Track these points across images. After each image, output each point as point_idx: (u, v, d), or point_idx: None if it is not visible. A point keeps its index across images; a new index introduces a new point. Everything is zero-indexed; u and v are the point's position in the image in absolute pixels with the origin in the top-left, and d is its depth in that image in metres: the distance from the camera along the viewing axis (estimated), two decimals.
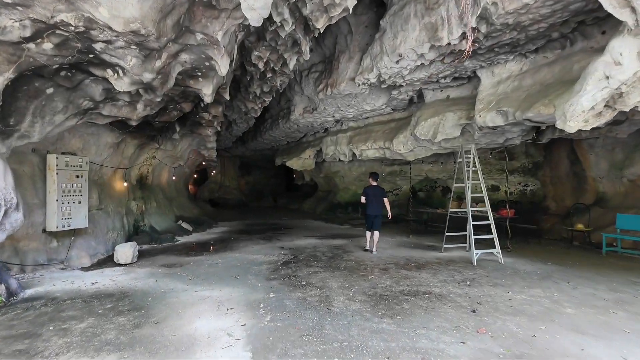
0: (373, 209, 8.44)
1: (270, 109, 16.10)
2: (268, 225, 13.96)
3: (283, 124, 14.40)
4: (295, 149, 17.49)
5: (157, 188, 11.65)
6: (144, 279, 5.99)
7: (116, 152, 8.76)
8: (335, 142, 13.38)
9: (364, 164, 16.45)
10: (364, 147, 11.68)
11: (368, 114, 11.44)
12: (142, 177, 10.65)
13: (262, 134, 17.15)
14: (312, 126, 13.71)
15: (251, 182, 30.57)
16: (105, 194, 8.46)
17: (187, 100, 7.59)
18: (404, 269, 6.92)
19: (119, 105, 6.59)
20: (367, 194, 8.58)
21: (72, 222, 6.79)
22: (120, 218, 8.88)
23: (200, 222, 13.26)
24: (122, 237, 8.79)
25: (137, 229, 9.94)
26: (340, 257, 8.00)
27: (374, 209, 8.43)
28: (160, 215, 11.09)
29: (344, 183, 17.64)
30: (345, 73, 9.25)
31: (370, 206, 8.47)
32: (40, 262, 6.46)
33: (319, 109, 11.57)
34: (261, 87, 9.21)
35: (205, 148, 14.08)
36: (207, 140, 12.22)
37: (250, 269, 6.80)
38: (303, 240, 10.16)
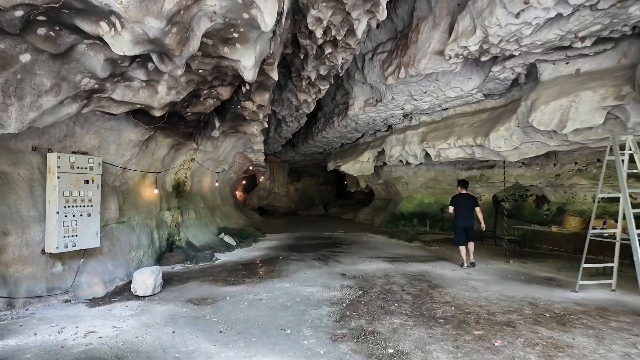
0: (464, 220, 7.69)
1: (323, 106, 14.24)
2: (321, 239, 11.97)
3: (339, 122, 12.42)
4: (351, 152, 15.43)
5: (197, 196, 10.16)
6: (159, 328, 4.20)
7: (144, 153, 7.26)
8: (403, 141, 11.11)
9: (433, 169, 13.96)
10: (443, 146, 9.31)
11: (450, 102, 9.08)
12: (179, 184, 9.17)
13: (314, 136, 15.32)
14: (374, 123, 11.57)
15: (301, 188, 29.06)
16: (129, 204, 6.96)
17: (224, 83, 5.83)
18: (537, 323, 4.53)
19: (134, 87, 4.95)
20: (456, 203, 7.85)
21: (79, 241, 5.23)
22: (148, 233, 7.34)
23: (246, 234, 11.61)
24: (150, 256, 7.24)
25: (171, 244, 8.41)
26: (428, 294, 5.74)
27: (464, 219, 7.69)
28: (199, 227, 9.54)
29: (407, 191, 15.24)
30: (428, 45, 7.03)
31: (460, 217, 7.72)
32: (37, 292, 4.94)
33: (385, 99, 9.42)
34: (317, 69, 7.27)
35: (251, 151, 12.49)
36: (254, 141, 10.55)
37: (306, 314, 4.78)
38: (368, 264, 8.00)
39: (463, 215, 7.64)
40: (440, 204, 14.49)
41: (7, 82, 3.62)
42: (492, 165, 12.37)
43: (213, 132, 7.83)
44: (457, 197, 7.90)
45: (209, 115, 7.66)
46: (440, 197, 14.54)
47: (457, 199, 7.86)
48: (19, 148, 5.05)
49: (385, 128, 12.45)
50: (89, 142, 5.89)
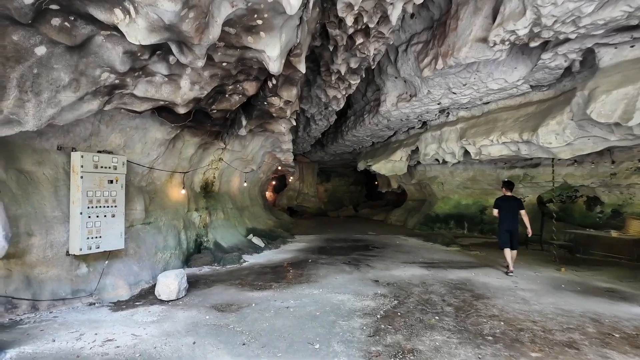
0: (508, 224, 7.29)
1: (353, 103, 13.77)
2: (352, 242, 11.50)
3: (369, 120, 11.92)
4: (382, 151, 14.85)
5: (225, 196, 10.00)
6: (179, 338, 3.92)
7: (171, 153, 7.12)
8: (439, 138, 10.44)
9: (472, 168, 13.13)
10: (485, 143, 8.59)
11: (492, 96, 8.35)
12: (208, 184, 9.03)
13: (344, 135, 14.88)
14: (407, 119, 10.97)
15: (330, 189, 28.68)
16: (156, 205, 6.83)
17: (249, 77, 5.53)
18: (605, 344, 3.88)
19: (156, 83, 4.74)
20: (500, 206, 7.47)
21: (102, 243, 5.09)
22: (175, 234, 7.19)
23: (274, 235, 11.36)
24: (177, 257, 7.08)
25: (199, 245, 8.26)
26: (472, 306, 5.17)
27: (509, 223, 7.29)
28: (227, 228, 9.36)
29: (443, 191, 14.46)
30: (469, 33, 6.42)
31: (504, 220, 7.34)
32: (62, 295, 4.83)
33: (420, 93, 8.82)
34: (347, 62, 6.84)
35: (280, 150, 12.24)
36: (282, 140, 10.27)
37: (336, 325, 4.36)
38: (403, 270, 7.47)
39: (507, 219, 7.29)
40: (479, 205, 13.62)
41: (23, 76, 3.46)
42: (537, 164, 11.42)
43: (240, 130, 7.59)
44: (501, 199, 7.54)
45: (235, 113, 7.42)
46: (479, 198, 13.68)
47: (501, 201, 7.49)
48: (43, 147, 4.97)
49: (419, 125, 11.81)
50: (114, 141, 5.77)
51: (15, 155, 4.69)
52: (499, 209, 7.38)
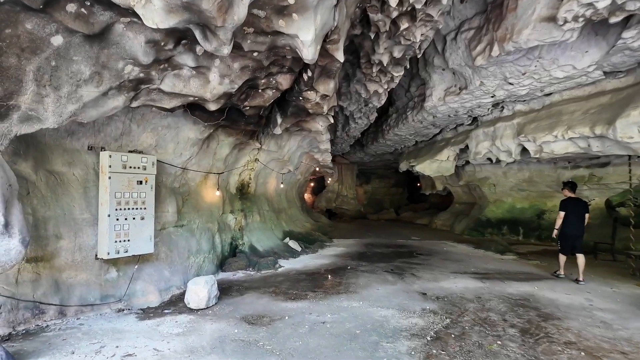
0: (574, 228, 6.83)
1: (395, 100, 13.05)
2: (394, 247, 10.78)
3: (413, 117, 11.15)
4: (427, 150, 13.96)
5: (261, 198, 9.70)
6: (202, 356, 3.53)
7: (205, 153, 6.88)
8: (492, 135, 9.48)
9: (527, 168, 11.91)
10: (547, 139, 7.58)
11: (555, 86, 7.35)
12: (243, 185, 8.76)
13: (385, 134, 14.17)
14: (456, 115, 10.09)
15: (370, 191, 27.91)
16: (189, 206, 6.60)
17: (282, 69, 5.10)
18: None
19: (183, 77, 4.42)
20: (566, 208, 6.94)
21: (131, 247, 4.87)
22: (209, 237, 6.93)
23: (312, 239, 10.91)
24: (211, 261, 6.82)
25: (234, 249, 7.98)
26: (541, 329, 4.36)
27: (575, 227, 6.83)
28: (263, 231, 9.04)
29: (495, 194, 13.29)
30: (531, 12, 5.57)
31: (570, 224, 6.86)
32: (90, 300, 4.65)
33: (472, 85, 7.98)
34: (390, 51, 6.23)
35: (318, 151, 11.80)
36: (319, 139, 9.81)
37: (379, 348, 3.77)
38: (454, 281, 6.69)
39: (573, 222, 6.81)
40: (536, 209, 12.33)
41: (40, 69, 3.23)
42: (606, 163, 10.06)
43: (275, 129, 7.21)
44: (567, 201, 7.00)
45: (270, 110, 7.05)
46: (535, 202, 12.39)
47: (568, 203, 6.96)
48: (74, 147, 4.83)
49: (468, 121, 10.86)
50: (145, 141, 5.57)
51: (46, 155, 4.57)
52: (566, 211, 6.87)
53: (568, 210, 6.85)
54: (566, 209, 6.88)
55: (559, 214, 6.97)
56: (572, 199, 6.96)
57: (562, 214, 6.89)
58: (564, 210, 6.89)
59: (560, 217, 6.93)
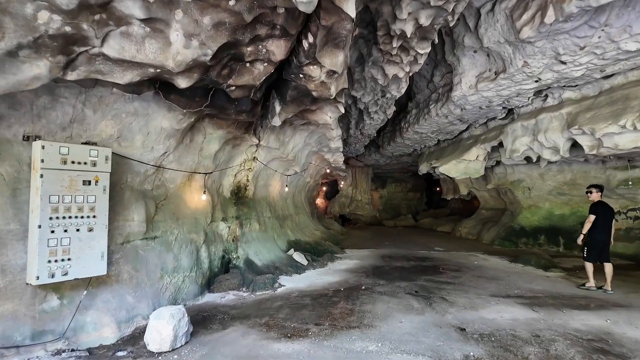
0: (602, 234, 6.42)
1: (415, 94, 11.67)
2: (416, 261, 9.35)
3: (437, 110, 9.76)
4: (451, 150, 12.50)
5: (262, 203, 8.45)
6: None
7: (187, 148, 5.68)
8: (534, 128, 8.01)
9: (569, 169, 10.34)
10: (611, 130, 6.10)
11: (622, 63, 5.88)
12: (240, 188, 7.53)
13: (403, 132, 12.79)
14: (488, 107, 8.65)
15: (386, 196, 26.46)
16: (166, 213, 5.39)
17: (273, 32, 3.83)
18: None
19: (135, 36, 3.21)
20: (597, 212, 6.45)
21: (73, 268, 3.66)
22: (192, 250, 5.70)
23: (321, 250, 9.59)
24: (194, 280, 5.58)
25: (227, 263, 6.75)
26: None
27: (605, 233, 6.42)
28: (263, 242, 7.77)
29: (530, 198, 11.70)
30: None
31: (601, 229, 6.40)
32: (16, 339, 3.45)
33: (512, 67, 6.57)
34: (416, 17, 4.90)
35: (328, 150, 10.53)
36: (329, 136, 8.53)
37: None
38: (496, 309, 5.26)
39: (602, 228, 6.38)
40: (579, 216, 10.70)
41: None
42: None
43: (274, 119, 5.96)
44: (597, 205, 6.51)
45: (266, 96, 5.82)
46: (578, 207, 10.77)
47: (598, 207, 6.48)
48: (4, 136, 3.67)
49: (502, 114, 9.38)
50: (105, 131, 4.38)
51: None
52: (597, 214, 6.37)
53: (599, 214, 6.36)
54: (597, 212, 6.37)
55: (589, 218, 6.42)
56: (602, 203, 6.51)
57: (592, 218, 6.37)
58: (595, 214, 6.37)
59: (590, 222, 6.40)
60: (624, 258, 9.25)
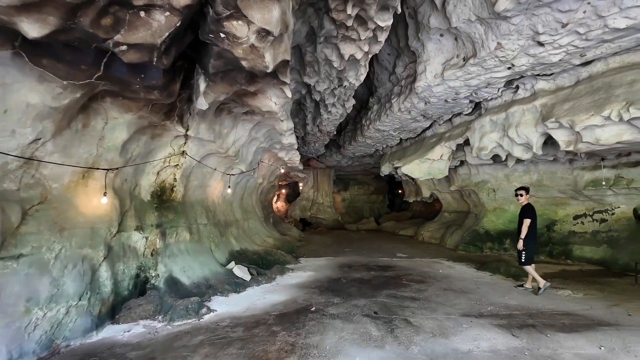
0: (536, 236, 6.43)
1: (377, 87, 10.78)
2: (377, 270, 8.36)
3: (400, 104, 8.88)
4: (414, 149, 11.73)
5: (195, 207, 7.09)
6: None
7: (78, 135, 4.29)
8: (504, 123, 7.29)
9: (536, 169, 9.83)
10: (593, 122, 5.39)
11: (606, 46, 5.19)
12: (164, 189, 6.16)
13: (364, 130, 11.88)
14: (455, 100, 7.85)
15: (348, 199, 25.70)
16: (42, 223, 3.96)
17: None
18: None
19: None
20: (533, 215, 6.28)
21: None
22: (84, 271, 4.30)
23: (270, 261, 8.35)
24: (85, 312, 4.18)
25: (143, 283, 5.37)
26: None
27: (536, 235, 6.42)
28: (196, 254, 6.43)
29: (495, 201, 11.13)
30: None
31: (534, 232, 6.29)
32: None
33: (484, 50, 5.74)
34: None
35: (281, 147, 9.36)
36: (279, 128, 7.36)
37: None
38: (470, 335, 4.29)
39: (535, 229, 6.36)
40: (546, 219, 10.24)
41: None
42: (638, 162, 8.04)
43: (198, 100, 4.70)
44: (530, 207, 6.41)
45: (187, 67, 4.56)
46: (545, 210, 10.30)
47: (531, 209, 6.37)
48: None
49: (468, 109, 8.65)
50: None
51: None
52: (532, 219, 6.25)
53: (533, 217, 6.29)
54: (533, 216, 6.27)
55: (525, 222, 6.24)
56: (531, 205, 6.44)
57: (529, 222, 6.22)
58: (531, 218, 6.23)
59: (527, 225, 6.24)
60: (592, 263, 8.79)
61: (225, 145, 6.74)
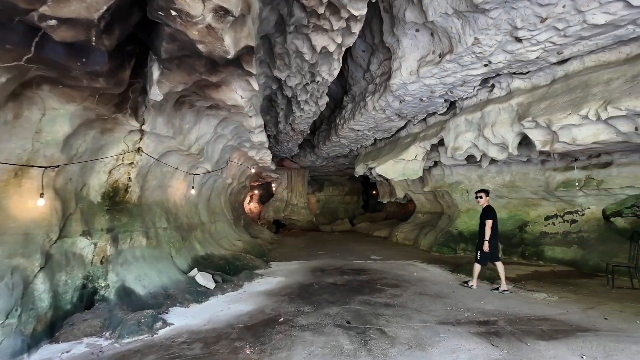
0: (496, 237, 6.53)
1: (351, 86, 10.51)
2: (351, 274, 8.05)
3: (375, 103, 8.62)
4: (388, 149, 11.54)
5: (154, 210, 6.51)
6: None
7: (9, 128, 3.71)
8: (479, 123, 7.16)
9: (508, 170, 9.84)
10: (570, 121, 5.29)
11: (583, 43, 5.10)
12: (117, 190, 5.57)
13: (338, 130, 11.58)
14: (430, 98, 7.67)
15: (323, 199, 25.41)
16: None
17: None
18: None
19: None
20: (494, 217, 6.48)
21: None
22: (14, 284, 3.70)
23: (238, 266, 7.87)
24: (15, 330, 3.60)
25: (90, 295, 4.78)
26: None
27: (496, 236, 6.51)
28: (153, 261, 5.87)
29: (468, 202, 11.10)
30: None
31: (494, 233, 6.45)
32: None
33: (461, 45, 5.54)
34: None
35: (251, 146, 8.90)
36: (247, 125, 6.92)
37: None
38: (448, 346, 4.02)
39: (496, 230, 6.53)
40: (518, 220, 10.29)
41: None
42: (608, 163, 8.14)
43: (152, 90, 4.20)
44: (490, 209, 6.59)
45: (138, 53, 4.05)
46: (517, 211, 10.36)
47: (492, 211, 6.56)
48: None
49: (443, 108, 8.50)
50: None
51: None
52: (494, 220, 6.44)
53: (495, 218, 6.46)
54: (494, 217, 6.44)
55: (488, 223, 6.39)
56: (491, 207, 6.59)
57: (491, 223, 6.38)
58: (492, 219, 6.39)
59: (490, 226, 6.39)
60: (563, 263, 8.84)
61: (187, 142, 6.21)
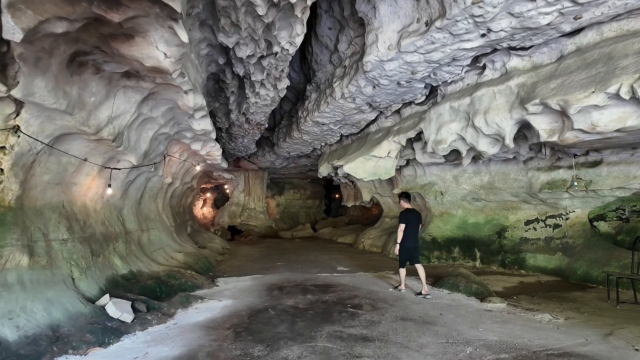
0: (414, 241, 6.50)
1: (315, 71, 9.19)
2: (315, 293, 6.63)
3: (343, 89, 7.35)
4: (356, 146, 10.32)
5: (46, 215, 4.71)
6: None
7: None
8: (468, 110, 6.07)
9: (487, 170, 8.96)
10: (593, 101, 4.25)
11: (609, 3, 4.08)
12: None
13: (301, 124, 10.21)
14: (409, 82, 6.50)
15: (283, 204, 23.90)
16: None
17: None
18: None
19: None
20: (408, 220, 6.47)
21: None
22: None
23: (174, 287, 6.19)
24: None
25: None
26: None
27: (412, 239, 6.47)
28: (39, 288, 4.10)
29: (442, 205, 10.12)
30: None
31: (410, 237, 6.45)
32: None
33: (456, 7, 4.36)
34: None
35: (193, 136, 7.32)
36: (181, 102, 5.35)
37: None
38: None
39: (411, 235, 6.45)
40: (496, 225, 9.44)
41: None
42: (597, 162, 7.42)
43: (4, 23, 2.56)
44: (408, 212, 6.57)
45: None
46: (494, 215, 9.51)
47: (408, 214, 6.53)
48: None
49: (422, 96, 7.38)
50: None
51: None
52: (407, 223, 6.42)
53: (409, 222, 6.43)
54: (407, 221, 6.41)
55: (400, 227, 6.42)
56: (410, 210, 6.59)
57: (403, 227, 6.39)
58: (405, 223, 6.39)
59: (402, 230, 6.41)
60: (547, 273, 8.03)
61: (95, 123, 4.52)
